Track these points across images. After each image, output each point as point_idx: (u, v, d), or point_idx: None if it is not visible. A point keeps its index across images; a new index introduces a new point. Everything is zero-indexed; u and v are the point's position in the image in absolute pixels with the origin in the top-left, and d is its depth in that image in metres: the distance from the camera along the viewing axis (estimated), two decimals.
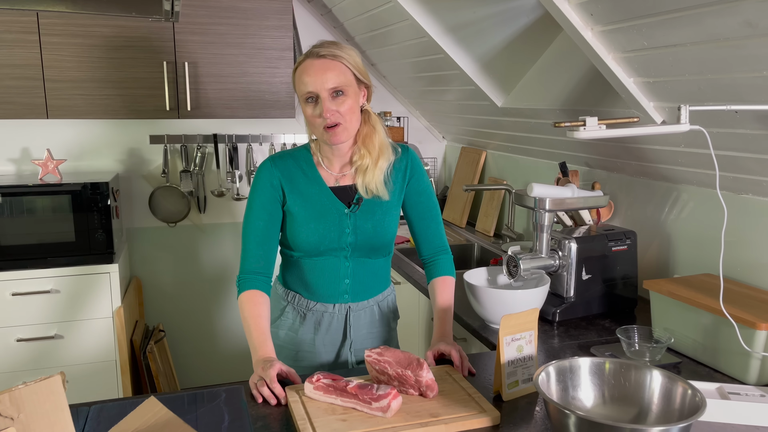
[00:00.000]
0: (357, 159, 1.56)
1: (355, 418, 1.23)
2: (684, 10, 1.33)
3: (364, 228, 1.58)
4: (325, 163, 1.60)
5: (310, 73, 1.46)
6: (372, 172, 1.55)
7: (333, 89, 1.46)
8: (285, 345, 1.65)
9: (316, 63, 1.47)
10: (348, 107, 1.48)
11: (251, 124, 3.33)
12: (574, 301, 1.89)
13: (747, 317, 1.42)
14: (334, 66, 1.47)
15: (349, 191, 1.59)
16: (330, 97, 1.46)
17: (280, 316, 1.66)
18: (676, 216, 2.02)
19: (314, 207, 1.56)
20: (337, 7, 3.00)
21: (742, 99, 1.45)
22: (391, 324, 1.74)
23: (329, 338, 1.65)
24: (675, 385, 1.18)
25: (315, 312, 1.63)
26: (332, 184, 1.59)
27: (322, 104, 1.46)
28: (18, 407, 0.88)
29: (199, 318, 3.46)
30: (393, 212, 1.62)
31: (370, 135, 1.56)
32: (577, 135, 1.45)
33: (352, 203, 1.58)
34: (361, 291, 1.64)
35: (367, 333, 1.68)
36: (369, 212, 1.58)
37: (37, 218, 2.68)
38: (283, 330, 1.66)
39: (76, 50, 2.70)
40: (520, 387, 1.37)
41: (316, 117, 1.47)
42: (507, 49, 2.41)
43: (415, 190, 1.64)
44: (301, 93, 1.49)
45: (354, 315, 1.64)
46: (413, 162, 1.65)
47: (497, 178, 3.14)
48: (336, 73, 1.46)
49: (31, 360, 2.71)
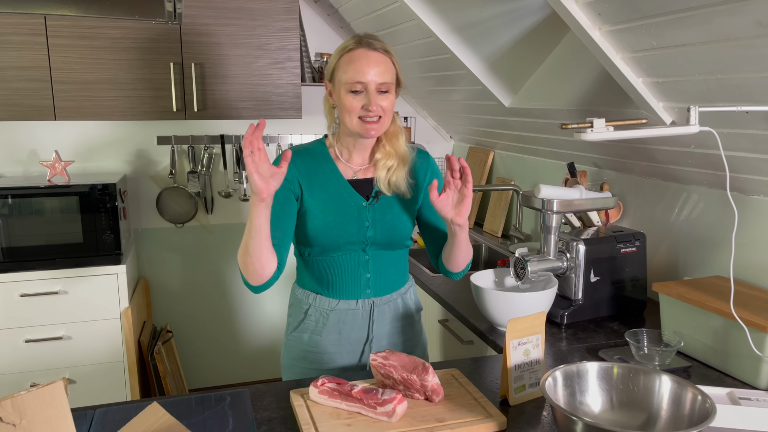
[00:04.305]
0: (381, 156, 1.55)
1: (360, 422, 1.22)
2: (693, 10, 1.31)
3: (383, 221, 1.57)
4: (344, 156, 1.58)
5: (363, 64, 1.44)
6: (399, 171, 1.56)
7: (381, 85, 1.46)
8: (309, 349, 1.61)
9: (371, 55, 1.45)
10: (389, 103, 1.48)
11: None
12: (582, 304, 1.87)
13: (758, 321, 1.40)
14: (385, 61, 1.47)
15: (366, 185, 1.58)
16: (377, 92, 1.46)
17: (303, 320, 1.63)
18: (686, 217, 1.99)
19: (333, 200, 1.54)
20: (344, 7, 2.99)
21: (752, 99, 1.43)
22: (415, 316, 1.71)
23: (354, 336, 1.61)
24: (685, 391, 1.16)
25: (338, 311, 1.60)
26: (350, 177, 1.58)
27: (370, 97, 1.44)
28: (20, 413, 0.88)
29: (206, 318, 3.46)
30: (411, 207, 1.62)
31: (396, 135, 1.57)
32: (584, 137, 1.44)
33: (371, 196, 1.57)
34: (383, 285, 1.62)
35: (391, 328, 1.65)
36: (388, 206, 1.58)
37: (45, 219, 2.69)
38: (307, 333, 1.62)
39: (83, 52, 2.70)
40: (527, 391, 1.35)
41: (358, 108, 1.46)
42: (514, 48, 2.39)
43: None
44: (347, 81, 1.45)
45: (378, 310, 1.61)
46: (433, 167, 1.66)
47: (505, 179, 3.12)
48: (386, 69, 1.47)
49: (39, 361, 2.72)
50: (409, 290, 1.70)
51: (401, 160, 1.56)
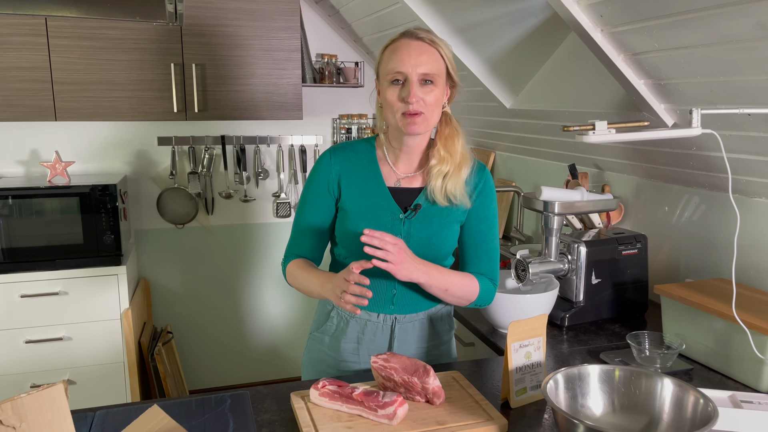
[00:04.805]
0: (436, 162, 1.43)
1: (361, 425, 1.22)
2: (695, 12, 1.31)
3: (419, 237, 1.45)
4: (390, 158, 1.49)
5: (403, 53, 1.36)
6: (455, 178, 1.43)
7: (424, 75, 1.36)
8: (329, 352, 1.57)
9: (413, 44, 1.37)
10: (434, 98, 1.39)
11: (259, 125, 3.33)
12: (583, 306, 1.87)
13: (760, 323, 1.40)
14: (430, 51, 1.38)
15: (408, 195, 1.47)
16: (419, 83, 1.37)
17: (326, 321, 1.57)
18: (688, 219, 1.99)
19: (368, 206, 1.46)
20: (345, 8, 2.99)
21: (754, 101, 1.42)
22: (443, 337, 1.60)
23: (374, 348, 1.54)
24: (686, 394, 1.16)
25: (359, 320, 1.52)
26: (392, 183, 1.48)
27: (410, 88, 1.36)
28: (20, 416, 0.87)
29: (206, 319, 3.46)
30: (453, 225, 1.49)
31: (452, 137, 1.45)
32: (586, 139, 1.43)
33: (409, 209, 1.46)
34: (408, 303, 1.52)
35: (416, 348, 1.55)
36: (426, 221, 1.46)
37: (46, 220, 2.69)
38: (328, 336, 1.57)
39: (84, 53, 2.70)
40: (528, 394, 1.35)
41: (399, 100, 1.37)
42: (515, 50, 2.39)
43: (479, 215, 1.50)
44: (387, 72, 1.38)
45: (400, 327, 1.53)
46: (487, 183, 1.51)
47: (506, 180, 3.11)
48: (431, 59, 1.37)
49: (40, 362, 2.72)
50: (441, 311, 1.58)
51: (458, 166, 1.44)
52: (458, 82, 1.46)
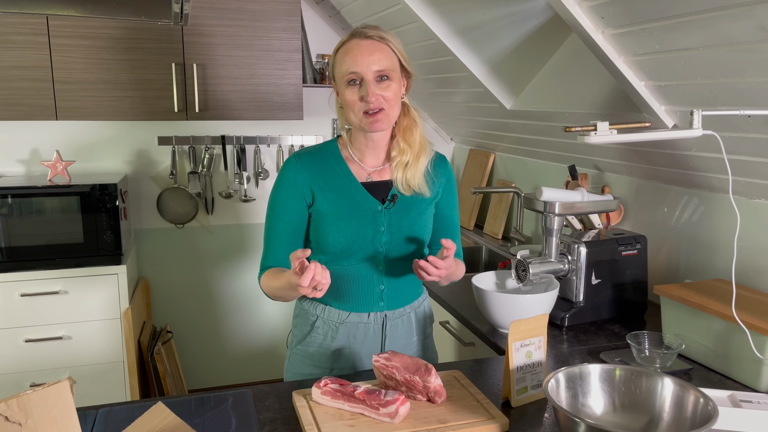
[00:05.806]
0: (396, 154, 1.48)
1: (363, 423, 1.22)
2: (696, 14, 1.32)
3: (400, 226, 1.49)
4: (356, 156, 1.51)
5: (355, 54, 1.39)
6: (414, 167, 1.48)
7: (379, 72, 1.39)
8: (317, 364, 1.55)
9: (363, 44, 1.40)
10: (392, 93, 1.41)
11: (259, 125, 3.33)
12: (583, 306, 1.88)
13: (760, 324, 1.41)
14: (381, 48, 1.40)
15: (382, 187, 1.50)
16: (375, 81, 1.39)
17: (310, 332, 1.54)
18: (687, 220, 2.00)
19: (346, 204, 1.47)
20: (346, 8, 3.00)
21: (755, 103, 1.43)
22: (427, 330, 1.65)
23: (365, 350, 1.54)
24: (687, 393, 1.16)
25: (348, 324, 1.52)
26: (364, 179, 1.50)
27: (367, 87, 1.38)
28: (26, 413, 0.88)
29: (206, 319, 3.46)
30: (429, 211, 1.55)
31: (410, 128, 1.49)
32: (588, 140, 1.44)
33: (387, 200, 1.49)
34: (397, 297, 1.54)
35: (405, 344, 1.58)
36: (404, 209, 1.50)
37: (46, 219, 2.69)
38: (313, 347, 1.55)
39: (85, 52, 2.71)
40: (529, 393, 1.36)
41: (358, 101, 1.40)
42: (516, 51, 2.40)
43: (449, 203, 1.60)
44: (342, 74, 1.41)
45: (391, 324, 1.54)
46: (450, 176, 1.60)
47: (506, 181, 3.12)
48: (383, 56, 1.40)
49: (39, 361, 2.72)
50: (422, 303, 1.63)
51: (417, 155, 1.48)
52: (413, 73, 1.50)
